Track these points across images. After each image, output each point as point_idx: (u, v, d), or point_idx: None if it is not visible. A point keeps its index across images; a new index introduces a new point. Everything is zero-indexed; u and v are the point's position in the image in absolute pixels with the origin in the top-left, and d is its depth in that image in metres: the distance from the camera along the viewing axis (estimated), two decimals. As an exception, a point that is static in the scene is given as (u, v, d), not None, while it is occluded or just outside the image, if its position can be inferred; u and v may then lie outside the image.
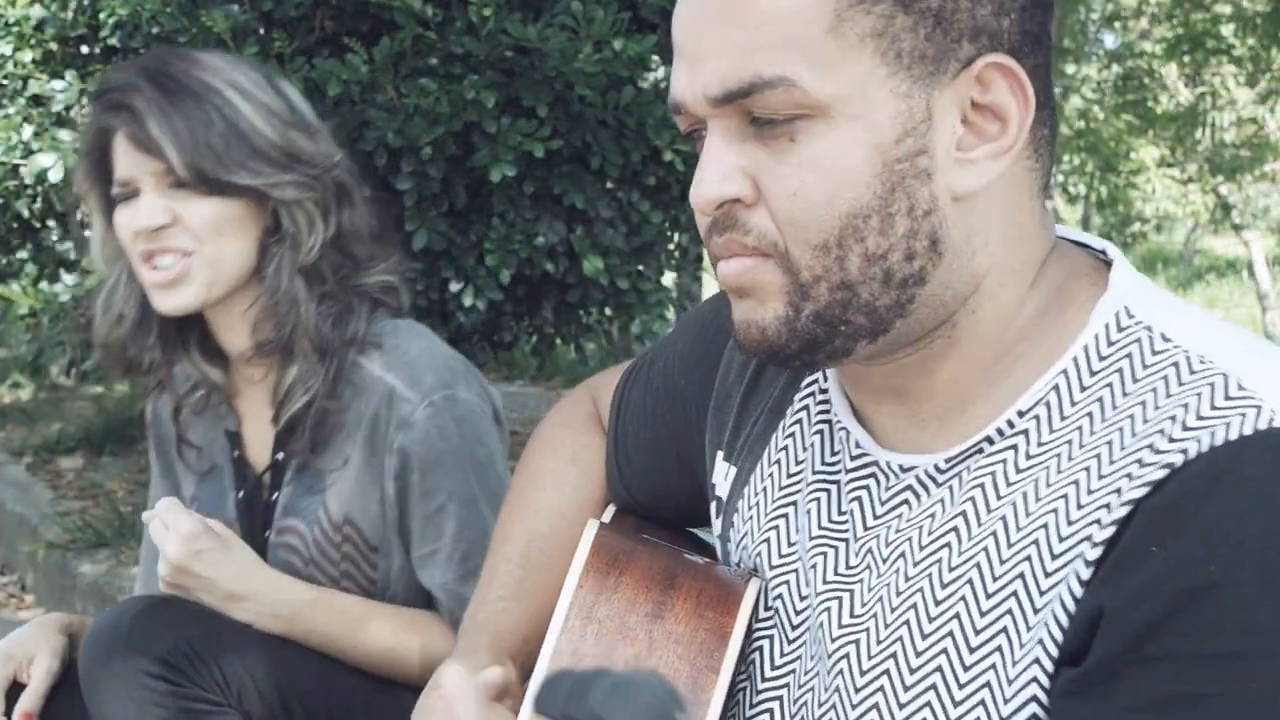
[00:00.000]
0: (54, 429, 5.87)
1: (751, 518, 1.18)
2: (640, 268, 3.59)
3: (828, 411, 1.14)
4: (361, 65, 3.05)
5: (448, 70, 3.12)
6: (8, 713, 1.74)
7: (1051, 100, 1.01)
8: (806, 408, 1.17)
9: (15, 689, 1.76)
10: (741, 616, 1.11)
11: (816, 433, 1.14)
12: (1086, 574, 0.90)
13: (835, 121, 0.93)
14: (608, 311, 3.71)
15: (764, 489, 1.17)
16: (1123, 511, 0.89)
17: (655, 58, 3.25)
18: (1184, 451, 0.88)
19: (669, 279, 4.46)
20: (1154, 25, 13.22)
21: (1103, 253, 1.06)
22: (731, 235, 0.99)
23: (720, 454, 1.24)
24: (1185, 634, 0.84)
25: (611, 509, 1.40)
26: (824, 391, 1.15)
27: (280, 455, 1.85)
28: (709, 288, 8.82)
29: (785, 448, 1.17)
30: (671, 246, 3.81)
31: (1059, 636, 0.91)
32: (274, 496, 1.87)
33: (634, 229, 3.51)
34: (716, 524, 1.25)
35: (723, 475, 1.23)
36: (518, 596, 1.34)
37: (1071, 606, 0.91)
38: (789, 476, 1.16)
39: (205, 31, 3.06)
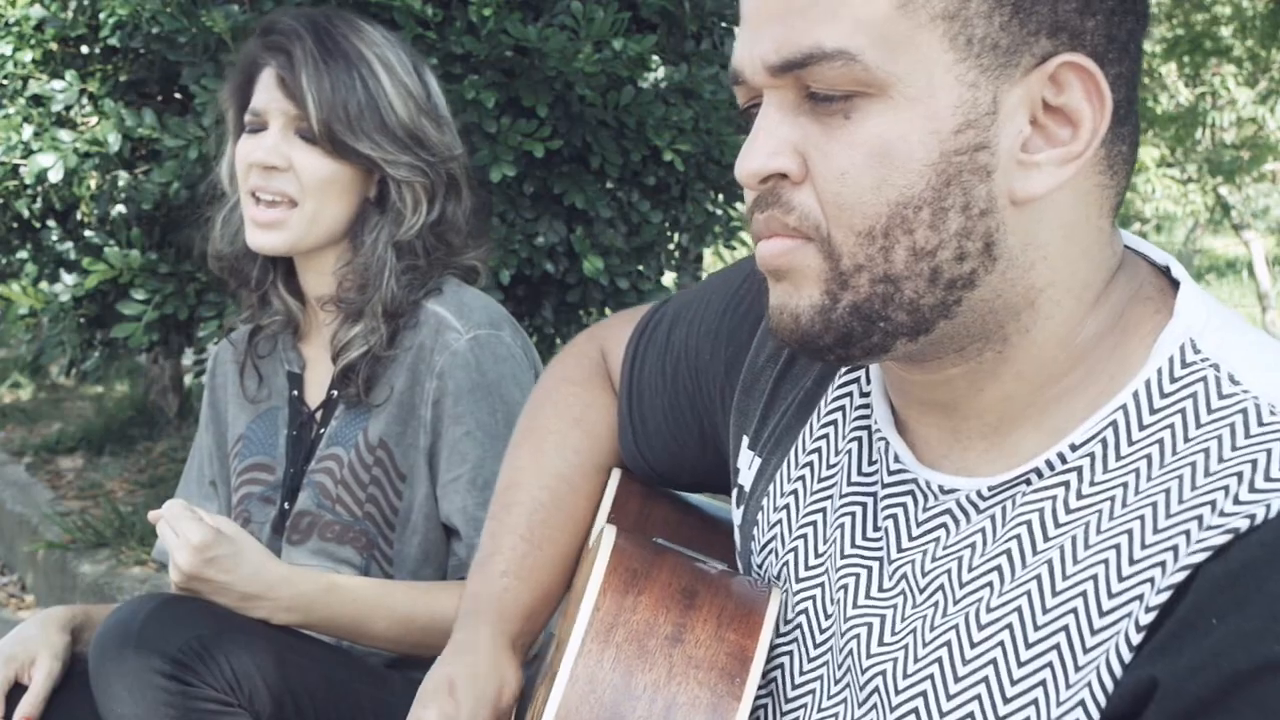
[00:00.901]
0: (54, 429, 5.87)
1: (779, 522, 1.13)
2: (640, 268, 3.58)
3: (867, 416, 1.09)
4: (361, 65, 3.04)
5: (448, 70, 3.12)
6: (8, 715, 1.73)
7: (1134, 117, 0.95)
8: (843, 408, 1.11)
9: (16, 690, 1.75)
10: (763, 638, 1.08)
11: (854, 439, 1.09)
12: (1138, 638, 0.86)
13: (894, 103, 0.89)
14: (608, 311, 3.71)
15: (793, 492, 1.13)
16: (1179, 576, 0.84)
17: (655, 58, 3.25)
18: (1250, 517, 0.83)
19: (669, 279, 4.45)
20: (1154, 25, 13.23)
21: (1167, 269, 0.99)
22: (773, 213, 0.94)
23: (746, 440, 1.19)
24: (1242, 714, 0.80)
25: (616, 476, 1.37)
26: (864, 394, 1.10)
27: (334, 393, 1.93)
28: (709, 288, 8.80)
29: (817, 449, 1.12)
30: (671, 246, 3.81)
31: (1102, 699, 0.87)
32: (321, 431, 1.94)
33: (634, 229, 3.51)
34: (738, 514, 1.22)
35: (747, 464, 1.19)
36: (520, 573, 1.31)
37: (1118, 669, 0.86)
38: (820, 481, 1.11)
39: (205, 31, 3.06)
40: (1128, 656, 0.86)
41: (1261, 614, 0.80)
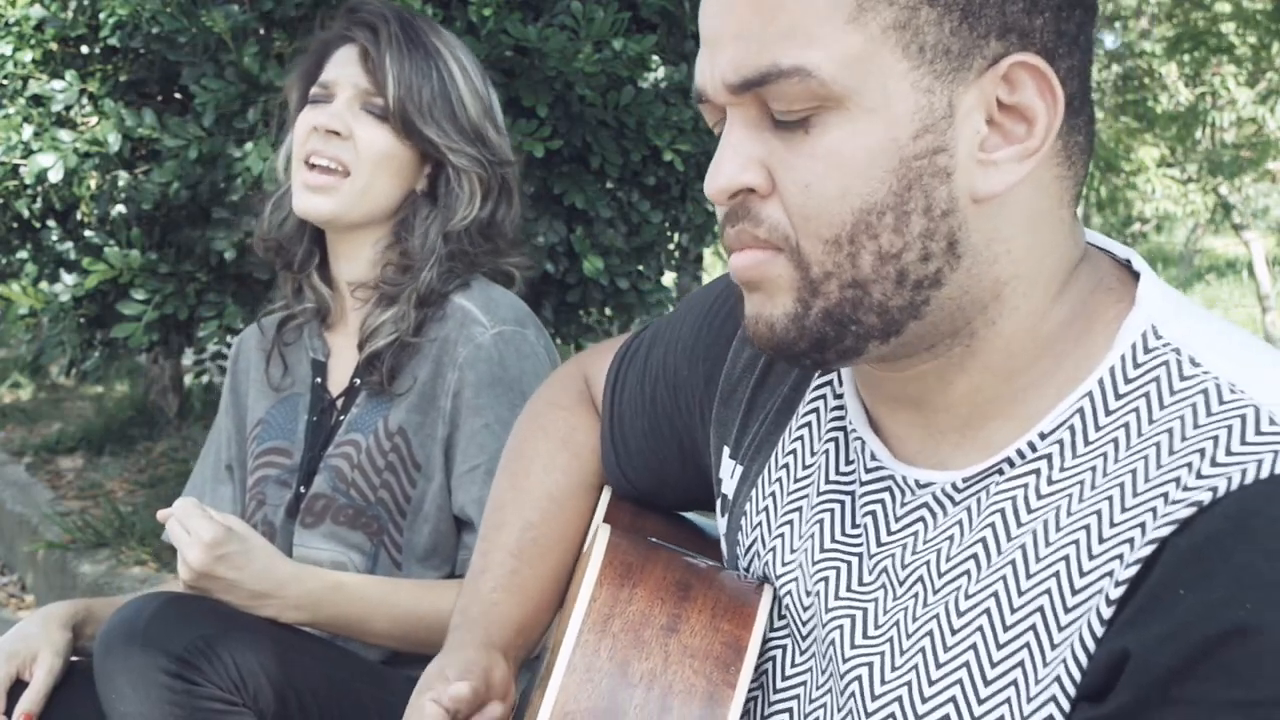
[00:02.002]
0: (54, 429, 5.88)
1: (760, 524, 1.15)
2: (640, 268, 3.58)
3: (842, 418, 1.11)
4: (361, 65, 3.04)
5: (448, 70, 3.12)
6: (8, 711, 1.73)
7: (1089, 107, 0.97)
8: (817, 410, 1.14)
9: (18, 686, 1.75)
10: (757, 629, 1.10)
11: (830, 440, 1.11)
12: (1108, 612, 0.87)
13: (852, 114, 0.91)
14: (608, 311, 3.71)
15: (772, 493, 1.15)
16: (1147, 550, 0.86)
17: (655, 58, 3.25)
18: (1213, 490, 0.85)
19: (669, 279, 4.45)
20: (1154, 25, 13.22)
21: (1128, 263, 1.02)
22: (743, 226, 0.96)
23: (727, 450, 1.21)
24: (1212, 680, 0.82)
25: (607, 493, 1.38)
26: (838, 396, 1.12)
27: (357, 381, 1.94)
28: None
29: (793, 451, 1.14)
30: (671, 246, 3.81)
31: (1076, 674, 0.89)
32: (341, 418, 1.95)
33: (634, 229, 3.51)
34: (722, 522, 1.23)
35: (729, 473, 1.21)
36: (510, 589, 1.33)
37: (1091, 644, 0.88)
38: (795, 482, 1.13)
39: (205, 31, 3.06)
40: (1100, 631, 0.88)
41: (1227, 583, 0.82)
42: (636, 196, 3.46)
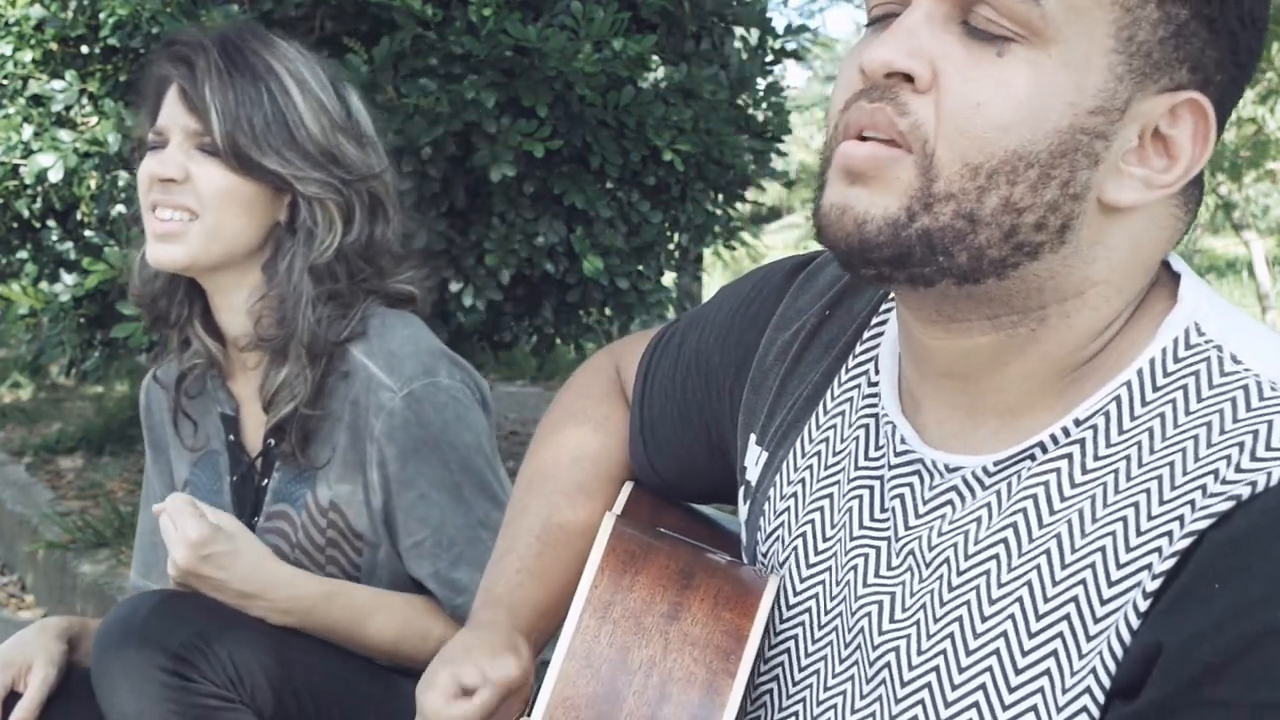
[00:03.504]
0: (54, 429, 5.87)
1: (787, 510, 1.15)
2: (640, 268, 3.58)
3: (875, 404, 1.10)
4: (361, 65, 3.04)
5: (447, 70, 3.12)
6: (3, 720, 1.73)
7: (1204, 169, 0.98)
8: (851, 398, 1.13)
9: (12, 697, 1.75)
10: (759, 619, 1.09)
11: (862, 426, 1.11)
12: (1144, 605, 0.87)
13: (1050, 61, 0.90)
14: (608, 311, 3.71)
15: (801, 480, 1.14)
16: (1184, 543, 0.86)
17: (655, 58, 3.25)
18: (1252, 484, 0.85)
19: (669, 279, 4.45)
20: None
21: (1166, 262, 1.02)
22: (886, 107, 0.93)
23: (753, 437, 1.21)
24: (1245, 680, 0.81)
25: (628, 488, 1.38)
26: (873, 384, 1.12)
27: (271, 442, 1.84)
28: (709, 288, 8.81)
29: (825, 439, 1.14)
30: (671, 246, 3.81)
31: (1112, 667, 0.89)
32: (264, 483, 1.87)
33: (634, 229, 3.50)
34: (744, 509, 1.23)
35: (754, 460, 1.20)
36: (535, 572, 1.32)
37: (1127, 637, 0.88)
38: (826, 469, 1.13)
39: (205, 32, 3.06)
40: (1136, 624, 0.88)
41: (1265, 580, 0.82)
42: (636, 196, 3.46)
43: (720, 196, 3.70)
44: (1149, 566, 0.88)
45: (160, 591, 1.73)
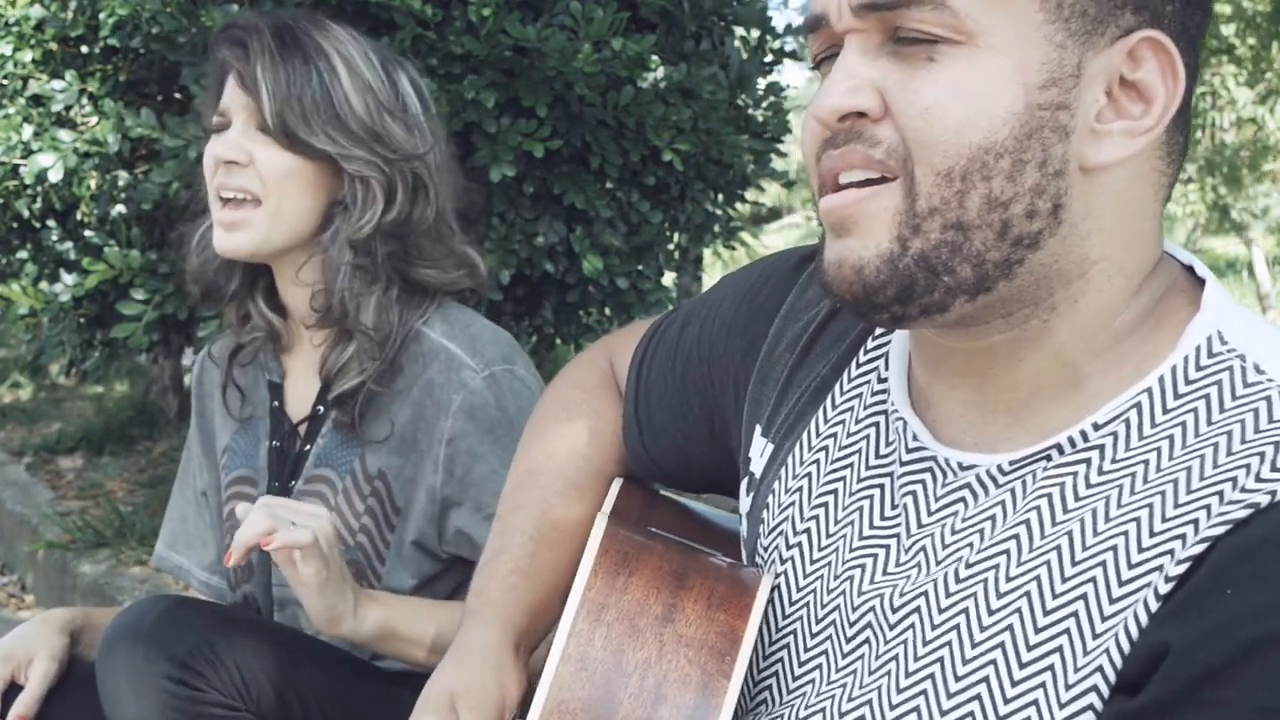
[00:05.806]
0: (54, 429, 5.88)
1: (791, 504, 1.14)
2: (640, 268, 3.58)
3: (884, 399, 1.10)
4: (361, 65, 3.04)
5: (447, 70, 3.12)
6: (3, 714, 1.73)
7: (1189, 110, 0.97)
8: (860, 394, 1.13)
9: (13, 690, 1.75)
10: (754, 619, 1.09)
11: (872, 423, 1.11)
12: (1155, 605, 0.87)
13: (979, 52, 0.91)
14: (608, 311, 3.71)
15: (807, 474, 1.14)
16: (1199, 548, 0.86)
17: (655, 58, 3.25)
18: (1271, 494, 0.85)
19: (669, 279, 4.45)
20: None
21: (1191, 268, 1.02)
22: (856, 146, 0.94)
23: (759, 429, 1.20)
24: (1248, 684, 0.81)
25: (617, 484, 1.37)
26: (883, 380, 1.11)
27: (319, 409, 1.88)
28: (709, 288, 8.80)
29: (833, 433, 1.13)
30: (671, 246, 3.81)
31: (1119, 664, 0.88)
32: (306, 448, 1.89)
33: (634, 229, 3.50)
34: (746, 501, 1.22)
35: (759, 451, 1.20)
36: (528, 573, 1.32)
37: (1135, 635, 0.88)
38: (834, 463, 1.12)
39: (205, 31, 3.06)
40: (1145, 623, 0.88)
41: (1277, 587, 0.82)
42: (636, 196, 3.46)
43: (720, 196, 3.70)
44: (1161, 568, 0.88)
45: (168, 597, 1.73)
